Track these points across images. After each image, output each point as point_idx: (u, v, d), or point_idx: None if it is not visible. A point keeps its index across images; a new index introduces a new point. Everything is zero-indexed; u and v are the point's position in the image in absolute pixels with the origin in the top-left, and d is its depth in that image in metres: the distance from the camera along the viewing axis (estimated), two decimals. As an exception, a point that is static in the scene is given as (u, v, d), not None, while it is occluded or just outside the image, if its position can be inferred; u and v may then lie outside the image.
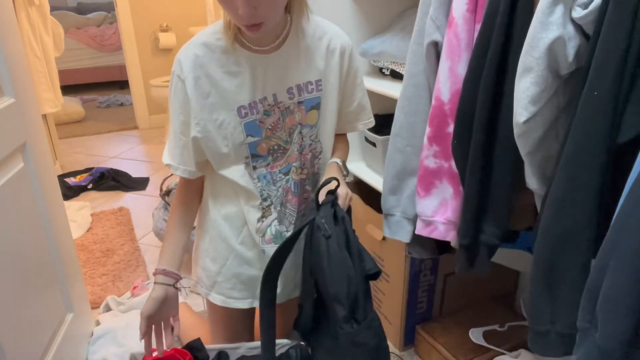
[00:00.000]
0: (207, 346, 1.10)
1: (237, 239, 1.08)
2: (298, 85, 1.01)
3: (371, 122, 1.17)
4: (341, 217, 0.95)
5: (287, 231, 1.07)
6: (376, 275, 0.95)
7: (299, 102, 1.02)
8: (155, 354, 1.05)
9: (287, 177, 1.04)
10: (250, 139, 0.99)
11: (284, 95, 1.00)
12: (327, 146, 1.09)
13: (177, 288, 1.05)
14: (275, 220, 1.05)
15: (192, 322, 1.62)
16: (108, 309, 1.83)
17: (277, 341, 1.13)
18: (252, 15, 0.83)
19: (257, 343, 1.13)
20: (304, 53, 1.01)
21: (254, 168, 1.02)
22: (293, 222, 1.07)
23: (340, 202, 0.98)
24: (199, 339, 1.10)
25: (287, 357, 1.10)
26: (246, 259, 1.09)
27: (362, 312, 0.91)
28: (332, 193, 0.98)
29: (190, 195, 1.10)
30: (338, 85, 1.05)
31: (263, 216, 1.04)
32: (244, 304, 1.12)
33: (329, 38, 1.03)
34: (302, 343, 1.11)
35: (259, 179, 1.02)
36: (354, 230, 0.96)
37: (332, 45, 1.03)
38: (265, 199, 1.03)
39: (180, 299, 1.87)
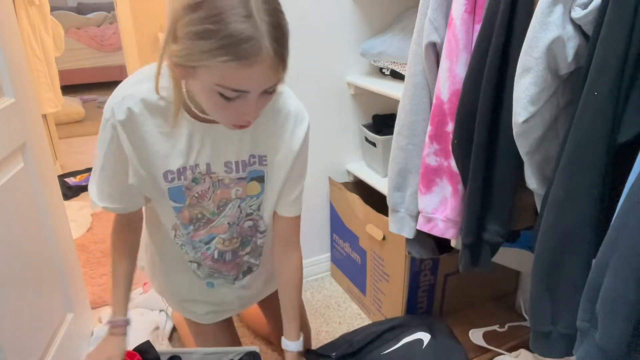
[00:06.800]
0: (160, 350, 1.08)
1: (178, 275, 1.12)
2: (243, 161, 0.94)
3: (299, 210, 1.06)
4: None
5: (226, 276, 1.10)
6: None
7: (241, 178, 0.96)
8: None
9: (209, 245, 1.02)
10: (173, 204, 0.94)
11: (219, 166, 0.94)
12: (270, 226, 1.06)
13: (124, 333, 1.02)
14: (207, 268, 1.08)
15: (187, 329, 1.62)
16: None
17: (231, 349, 1.13)
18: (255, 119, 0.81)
19: (214, 349, 1.12)
20: (255, 129, 0.93)
21: (179, 228, 1.00)
22: (221, 279, 1.10)
23: None
24: (147, 342, 1.08)
25: None
26: (194, 294, 1.13)
27: None
28: None
29: (132, 224, 1.06)
30: (290, 167, 0.97)
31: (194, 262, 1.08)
32: (215, 318, 1.15)
33: (295, 122, 0.95)
34: (257, 351, 1.10)
35: (180, 240, 1.03)
36: None
37: (298, 132, 0.96)
38: (187, 253, 1.05)
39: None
